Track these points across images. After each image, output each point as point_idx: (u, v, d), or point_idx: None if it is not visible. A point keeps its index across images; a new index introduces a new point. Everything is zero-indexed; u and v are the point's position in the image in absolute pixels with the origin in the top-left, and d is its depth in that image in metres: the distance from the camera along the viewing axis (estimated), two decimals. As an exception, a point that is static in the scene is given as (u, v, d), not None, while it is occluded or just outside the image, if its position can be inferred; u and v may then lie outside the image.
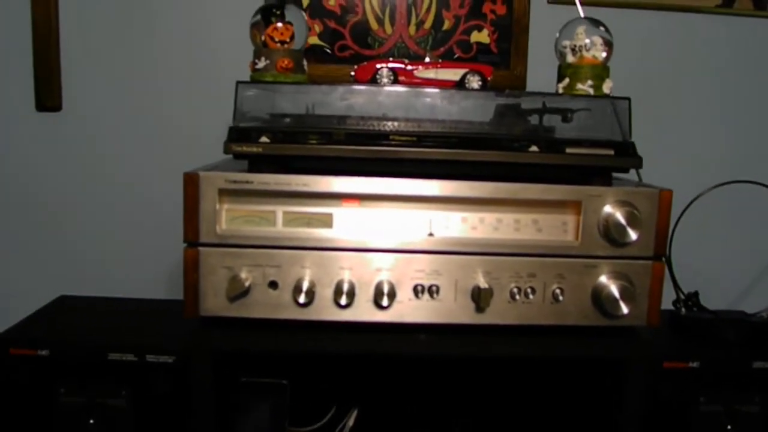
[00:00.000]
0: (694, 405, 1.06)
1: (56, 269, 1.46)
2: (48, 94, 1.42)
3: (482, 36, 1.45)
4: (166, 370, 1.01)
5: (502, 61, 1.45)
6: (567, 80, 1.05)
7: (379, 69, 1.10)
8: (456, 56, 1.45)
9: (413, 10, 1.43)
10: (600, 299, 0.97)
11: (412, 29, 1.44)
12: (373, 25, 1.43)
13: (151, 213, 1.45)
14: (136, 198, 1.45)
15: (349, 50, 1.44)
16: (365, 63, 1.12)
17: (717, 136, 1.51)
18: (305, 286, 0.95)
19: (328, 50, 1.44)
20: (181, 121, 1.44)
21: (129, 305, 1.23)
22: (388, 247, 0.97)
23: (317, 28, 1.42)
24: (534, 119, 1.13)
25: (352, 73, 1.12)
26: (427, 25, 1.44)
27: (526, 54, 1.45)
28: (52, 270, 1.46)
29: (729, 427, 1.07)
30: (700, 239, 1.46)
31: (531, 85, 1.46)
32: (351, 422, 1.38)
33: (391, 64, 1.10)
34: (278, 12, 1.01)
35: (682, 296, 1.19)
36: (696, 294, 1.19)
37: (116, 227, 1.46)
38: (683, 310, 1.17)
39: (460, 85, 1.10)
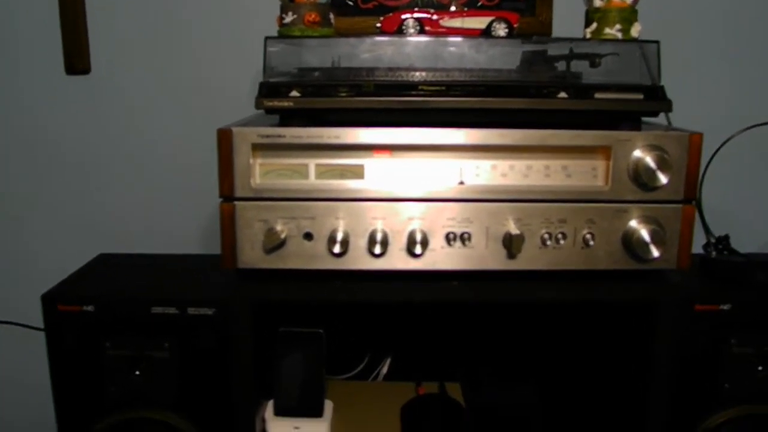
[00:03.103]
0: (725, 347, 1.07)
1: (93, 228, 1.50)
2: (77, 57, 1.43)
3: (507, -17, 1.44)
4: (206, 321, 1.04)
5: (528, 7, 1.44)
6: (595, 25, 1.04)
7: (405, 20, 1.10)
8: (480, 4, 1.44)
9: (437, -42, 1.42)
10: (630, 243, 0.98)
11: (436, -22, 1.43)
12: (397, -25, 1.43)
13: (183, 170, 1.47)
14: (167, 156, 1.48)
15: (372, 2, 1.43)
16: (391, 14, 1.12)
17: (747, 78, 1.49)
18: (339, 236, 0.97)
19: (351, 2, 1.43)
20: (210, 79, 1.45)
21: (166, 261, 1.26)
22: (420, 196, 0.98)
23: (341, -19, 1.42)
24: (561, 65, 1.13)
25: (378, 25, 1.12)
26: (452, -27, 1.43)
27: (552, 1, 1.44)
28: (89, 229, 1.50)
29: (760, 368, 1.08)
30: (731, 182, 1.45)
31: (557, 32, 1.44)
32: (385, 370, 1.42)
33: (416, 15, 1.10)
34: (304, -35, 1.01)
35: (713, 240, 1.19)
36: (726, 237, 1.20)
37: (149, 185, 1.49)
38: (714, 253, 1.17)
39: (486, 33, 1.10)
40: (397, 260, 0.99)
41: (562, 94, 0.99)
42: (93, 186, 1.49)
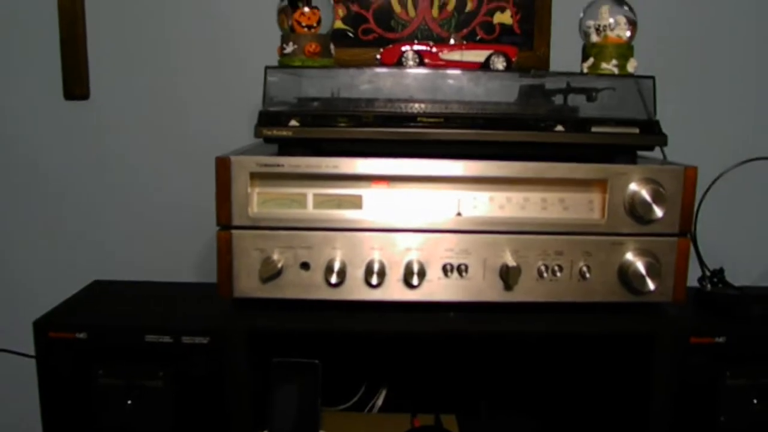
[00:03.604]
0: (721, 380, 1.07)
1: (88, 255, 1.49)
2: (76, 83, 1.44)
3: (505, 17, 1.46)
4: (201, 351, 1.03)
5: (526, 42, 1.45)
6: (592, 60, 1.05)
7: (404, 52, 1.11)
8: (479, 38, 1.46)
9: (436, -8, 1.44)
10: (626, 276, 0.99)
11: (435, 11, 1.45)
12: (396, 7, 1.44)
13: (180, 198, 1.47)
14: (165, 183, 1.48)
15: (372, 33, 1.45)
16: (391, 46, 1.13)
17: (741, 112, 1.51)
18: (337, 266, 0.97)
19: (351, 34, 1.45)
20: (209, 107, 1.46)
21: (161, 289, 1.25)
22: (417, 227, 0.99)
23: (340, 11, 1.43)
24: (558, 99, 1.14)
25: (378, 57, 1.13)
26: (450, 6, 1.45)
27: (549, 34, 1.45)
28: (84, 256, 1.49)
29: (755, 401, 1.08)
30: (725, 216, 1.46)
31: (554, 66, 1.46)
32: (380, 401, 1.41)
33: (416, 47, 1.11)
34: (305, -3, 1.02)
35: (708, 273, 1.20)
36: (721, 270, 1.20)
37: (146, 212, 1.49)
38: (709, 286, 1.18)
39: (485, 66, 1.11)
40: (394, 291, 0.99)
41: (559, 128, 1.00)
42: (89, 212, 1.49)
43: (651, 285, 0.98)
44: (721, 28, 1.48)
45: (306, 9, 1.02)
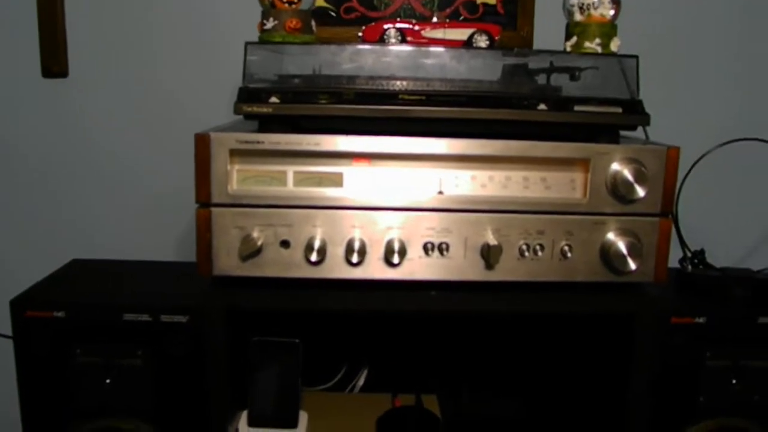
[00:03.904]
0: (701, 360, 1.07)
1: (67, 234, 1.47)
2: (54, 60, 1.42)
3: (488, -4, 1.45)
4: (180, 329, 1.02)
5: (509, 22, 1.44)
6: (575, 39, 1.05)
7: (386, 30, 1.10)
8: (461, 17, 1.45)
9: (419, -30, 1.43)
10: (608, 255, 0.98)
11: (417, -9, 1.44)
12: (379, -14, 1.43)
13: (159, 176, 1.46)
14: (144, 161, 1.46)
15: (354, 12, 1.43)
16: (373, 24, 1.12)
17: (724, 93, 1.50)
18: (317, 244, 0.96)
19: (333, 12, 1.43)
20: (186, 84, 1.44)
21: (140, 267, 1.24)
22: (398, 205, 0.98)
23: (323, -10, 1.42)
24: (541, 78, 1.13)
25: (360, 34, 1.12)
26: (433, -15, 1.44)
27: (533, 14, 1.44)
28: (62, 235, 1.47)
29: (734, 381, 1.08)
30: (706, 197, 1.46)
31: (537, 46, 1.45)
32: (361, 381, 1.41)
33: (399, 25, 1.10)
34: (286, -28, 1.00)
35: (689, 254, 1.20)
36: (702, 252, 1.20)
37: (124, 191, 1.47)
38: (689, 267, 1.18)
39: (467, 45, 1.10)
40: (375, 269, 0.98)
41: (542, 106, 0.99)
42: (67, 190, 1.47)
43: (632, 265, 0.98)
44: (706, 10, 1.48)
45: (287, -16, 1.01)
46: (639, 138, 1.09)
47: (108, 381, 1.04)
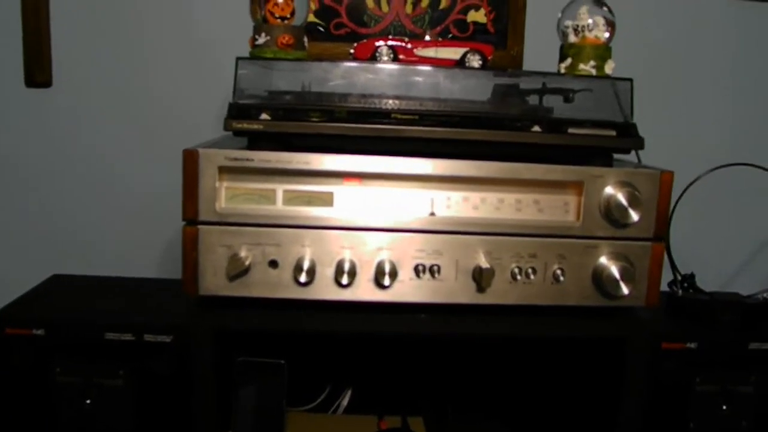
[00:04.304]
0: (691, 385, 1.07)
1: (48, 248, 1.44)
2: (38, 69, 1.39)
3: (479, 15, 1.44)
4: (164, 349, 1.00)
5: (499, 41, 1.44)
6: (570, 60, 1.04)
7: (378, 47, 1.09)
8: (450, 35, 1.44)
9: (410, -12, 1.42)
10: (600, 280, 0.97)
11: (408, 7, 1.43)
12: (370, 2, 1.42)
13: (143, 190, 1.43)
14: (127, 175, 1.43)
15: (344, 28, 1.42)
16: (365, 41, 1.10)
17: (714, 118, 1.51)
18: (306, 265, 0.94)
19: (323, 28, 1.42)
20: (173, 98, 1.42)
21: (123, 284, 1.22)
22: (389, 226, 0.96)
23: (312, 5, 1.40)
24: (534, 99, 1.12)
25: (352, 51, 1.11)
26: (424, 3, 1.43)
27: (524, 34, 1.44)
28: (43, 249, 1.44)
29: (724, 407, 1.08)
30: (695, 220, 1.46)
31: (528, 66, 1.45)
32: (345, 402, 1.39)
33: (390, 42, 1.09)
34: (279, -14, 0.99)
35: (679, 277, 1.19)
36: (692, 275, 1.20)
37: (107, 205, 1.44)
38: (680, 291, 1.17)
39: (460, 64, 1.09)
40: (365, 291, 0.97)
41: (536, 128, 0.98)
42: (48, 204, 1.44)
43: (625, 289, 0.97)
44: (698, 34, 1.49)
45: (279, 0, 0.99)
46: (631, 161, 1.09)
47: (88, 401, 1.02)
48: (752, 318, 1.12)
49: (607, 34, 1.04)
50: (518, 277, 0.97)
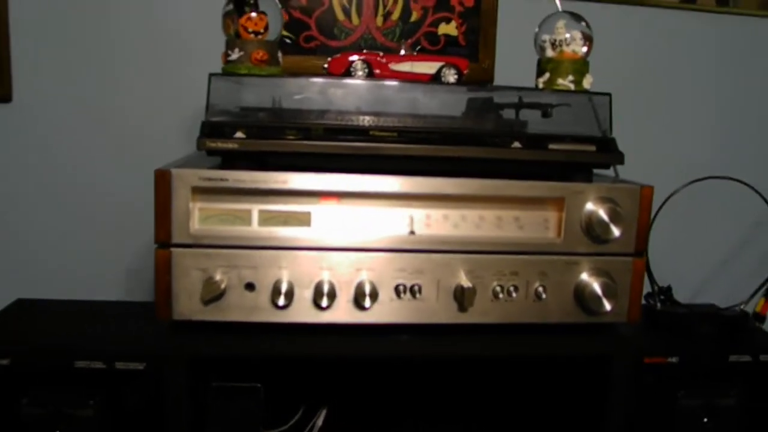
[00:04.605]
0: (674, 399, 1.06)
1: (11, 271, 1.38)
2: (-3, 85, 1.34)
3: (450, 28, 1.43)
4: (136, 377, 0.96)
5: (471, 53, 1.43)
6: (548, 75, 1.03)
7: (353, 62, 1.07)
8: (419, 48, 1.43)
9: (380, 1, 1.40)
10: (583, 296, 0.96)
11: (379, 20, 1.41)
12: (340, 15, 1.40)
13: (108, 210, 1.38)
14: (92, 195, 1.39)
15: (314, 41, 1.40)
16: (338, 55, 1.08)
17: (689, 133, 1.53)
18: (284, 287, 0.91)
19: (289, 41, 1.39)
20: (138, 114, 1.38)
21: (91, 308, 1.17)
22: (369, 246, 0.94)
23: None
24: (508, 113, 1.11)
25: (326, 66, 1.08)
26: (395, 16, 1.41)
27: (495, 47, 1.44)
28: (6, 272, 1.38)
29: (705, 419, 1.07)
30: (669, 233, 1.47)
31: (499, 79, 1.44)
32: (320, 422, 1.35)
33: (365, 57, 1.07)
34: (252, 1, 0.96)
35: (656, 290, 1.19)
36: (669, 288, 1.20)
37: (72, 225, 1.39)
38: (659, 304, 1.17)
39: (435, 78, 1.07)
40: (344, 313, 0.94)
41: (516, 144, 0.97)
42: (10, 224, 1.38)
43: (608, 306, 0.96)
44: (676, 47, 1.50)
45: (253, 14, 0.96)
46: (607, 175, 1.08)
47: (57, 433, 0.98)
48: (729, 330, 1.12)
49: (584, 49, 1.03)
50: (500, 296, 0.96)
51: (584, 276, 0.97)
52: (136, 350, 0.97)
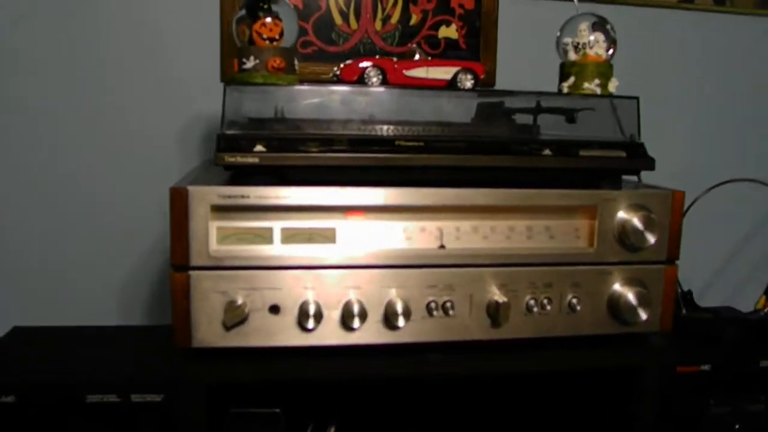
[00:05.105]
0: (706, 407, 1.04)
1: (3, 297, 1.28)
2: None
3: (450, 31, 1.39)
4: (153, 410, 0.90)
5: (472, 57, 1.39)
6: (573, 79, 1.00)
7: (366, 68, 1.02)
8: (416, 44, 1.39)
9: (379, 4, 1.36)
10: (617, 307, 0.93)
11: (378, 24, 1.36)
12: (337, 19, 1.35)
13: (105, 228, 1.31)
14: (90, 210, 1.31)
15: (312, 46, 1.35)
16: (350, 62, 1.03)
17: (708, 136, 1.51)
18: (312, 309, 0.86)
19: (286, 46, 1.34)
20: (139, 127, 1.31)
21: (95, 335, 1.10)
22: (398, 262, 0.89)
23: (277, 23, 1.32)
24: (523, 119, 1.07)
25: (337, 72, 1.03)
26: (394, 20, 1.37)
27: (496, 50, 1.40)
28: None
29: (737, 426, 1.05)
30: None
31: (500, 82, 1.41)
32: (330, 442, 1.30)
33: (379, 63, 1.02)
34: (266, 6, 0.91)
35: (681, 296, 1.17)
36: (690, 293, 1.18)
37: (69, 244, 1.31)
38: (683, 310, 1.15)
39: (451, 84, 1.03)
40: (374, 334, 0.89)
41: (546, 151, 0.93)
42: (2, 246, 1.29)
43: (643, 315, 0.93)
44: (686, 46, 1.49)
45: (268, 19, 0.91)
46: (632, 181, 1.05)
47: (68, 473, 0.91)
48: (756, 335, 1.10)
49: (610, 51, 1.00)
50: (534, 309, 0.92)
51: (617, 286, 0.94)
52: (152, 381, 0.90)
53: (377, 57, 1.04)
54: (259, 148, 0.87)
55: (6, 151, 1.28)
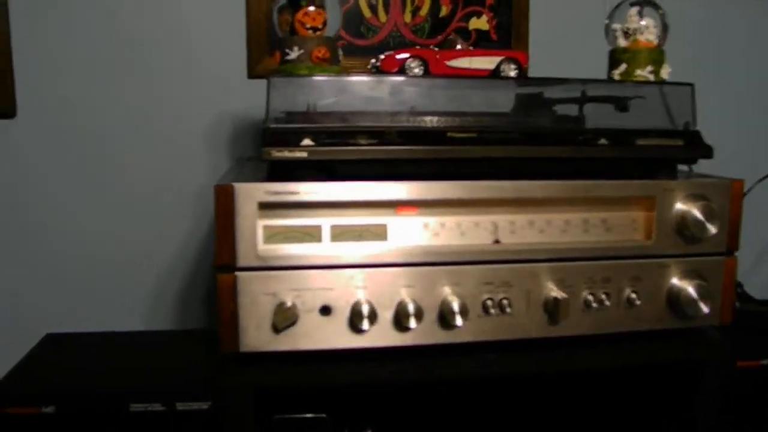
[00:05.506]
0: (766, 402, 1.00)
1: (32, 302, 1.24)
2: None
3: (481, 23, 1.35)
4: (199, 418, 0.86)
5: (502, 48, 1.36)
6: (624, 66, 0.96)
7: (408, 59, 0.98)
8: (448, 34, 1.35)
9: (408, -5, 1.32)
10: (678, 301, 0.90)
11: (407, 16, 1.33)
12: (366, 12, 1.31)
13: (130, 228, 1.27)
14: (112, 212, 1.27)
15: (340, 40, 1.31)
16: (390, 53, 1.00)
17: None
18: (365, 309, 0.82)
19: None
20: (166, 123, 1.28)
21: (131, 341, 1.06)
22: (452, 259, 0.86)
23: (304, 17, 1.28)
24: (568, 109, 1.04)
25: (377, 64, 1.00)
26: (423, 11, 1.33)
27: (528, 40, 1.37)
28: (27, 304, 1.24)
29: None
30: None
31: (532, 73, 1.37)
32: (368, 447, 1.27)
33: (420, 53, 0.99)
34: (308, -6, 0.87)
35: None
36: (740, 284, 1.14)
37: (99, 249, 1.27)
38: (737, 303, 1.11)
39: (495, 73, 1.00)
40: (429, 334, 0.86)
41: (603, 141, 0.90)
42: (29, 251, 1.25)
43: (705, 309, 0.89)
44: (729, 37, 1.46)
45: (311, 8, 0.87)
46: (683, 170, 1.02)
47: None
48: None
49: (659, 37, 0.96)
50: (592, 305, 0.88)
51: (676, 279, 0.91)
52: (198, 388, 0.86)
53: (417, 48, 1.01)
54: (306, 141, 0.83)
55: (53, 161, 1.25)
